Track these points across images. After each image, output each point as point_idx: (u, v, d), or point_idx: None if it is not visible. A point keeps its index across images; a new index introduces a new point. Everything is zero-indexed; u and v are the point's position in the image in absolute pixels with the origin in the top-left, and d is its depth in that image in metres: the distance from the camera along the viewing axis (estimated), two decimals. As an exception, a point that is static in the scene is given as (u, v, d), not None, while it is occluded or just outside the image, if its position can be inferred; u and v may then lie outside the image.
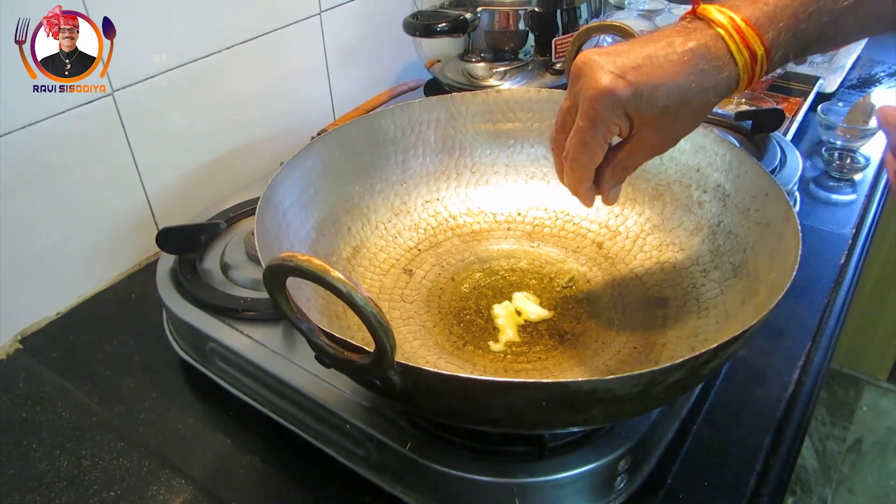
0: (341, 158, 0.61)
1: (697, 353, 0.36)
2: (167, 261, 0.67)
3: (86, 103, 0.68)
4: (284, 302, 0.36)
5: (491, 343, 0.54)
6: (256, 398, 0.58)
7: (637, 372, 0.35)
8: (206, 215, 0.72)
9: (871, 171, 0.93)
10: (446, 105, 0.65)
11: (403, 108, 0.64)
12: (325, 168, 0.59)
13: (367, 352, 0.36)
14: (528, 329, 0.55)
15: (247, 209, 0.73)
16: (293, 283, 0.38)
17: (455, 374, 0.35)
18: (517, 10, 0.81)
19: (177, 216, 0.79)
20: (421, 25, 0.77)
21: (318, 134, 0.87)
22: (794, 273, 0.43)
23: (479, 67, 0.85)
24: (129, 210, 0.76)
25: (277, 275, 0.34)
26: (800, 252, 0.44)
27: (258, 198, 0.52)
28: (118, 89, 0.70)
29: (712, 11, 0.44)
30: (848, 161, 0.93)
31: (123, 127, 0.72)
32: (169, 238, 0.65)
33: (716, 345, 0.37)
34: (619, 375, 0.35)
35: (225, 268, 0.66)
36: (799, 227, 0.46)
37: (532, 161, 0.67)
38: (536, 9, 0.82)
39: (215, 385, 0.60)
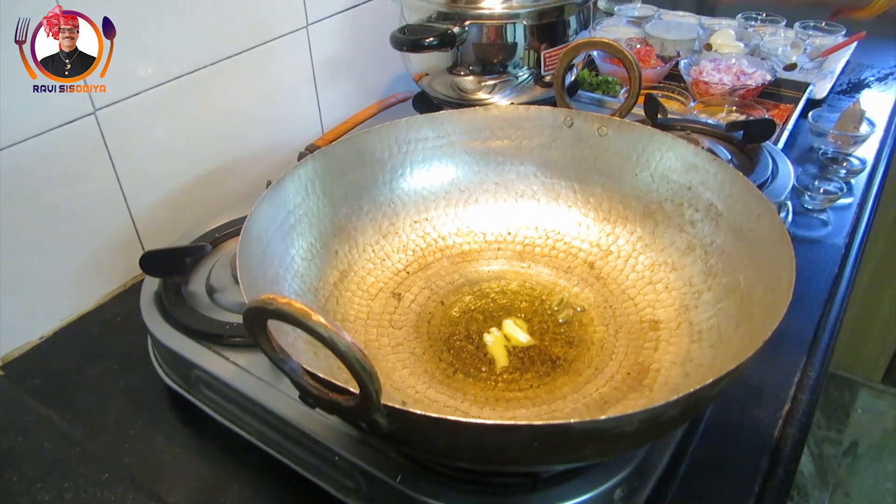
0: (327, 180, 0.59)
1: (692, 391, 0.35)
2: (152, 284, 0.65)
3: (67, 122, 0.66)
4: (266, 343, 0.35)
5: (482, 370, 0.53)
6: (244, 427, 0.56)
7: (631, 412, 0.34)
8: (192, 235, 0.71)
9: (863, 177, 0.93)
10: (433, 123, 0.64)
11: (390, 128, 0.63)
12: (310, 191, 0.58)
13: (353, 393, 0.35)
14: (520, 355, 0.54)
15: (233, 229, 0.72)
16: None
17: (444, 416, 0.34)
18: (505, 24, 0.80)
19: (162, 235, 0.78)
20: (408, 40, 0.76)
21: (307, 149, 0.86)
22: (790, 300, 0.42)
23: (468, 81, 0.84)
24: (114, 230, 0.74)
25: (257, 317, 0.33)
26: (794, 277, 0.43)
27: (245, 217, 0.51)
28: (100, 108, 0.69)
29: None
30: (844, 164, 0.93)
31: (106, 146, 0.71)
32: (153, 261, 0.64)
33: (711, 380, 0.36)
34: (612, 416, 0.34)
35: (210, 291, 0.64)
36: (793, 251, 0.45)
37: (522, 179, 0.66)
38: (525, 22, 0.81)
39: (202, 413, 0.59)
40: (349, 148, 0.61)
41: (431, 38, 0.76)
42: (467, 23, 0.79)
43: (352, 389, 0.35)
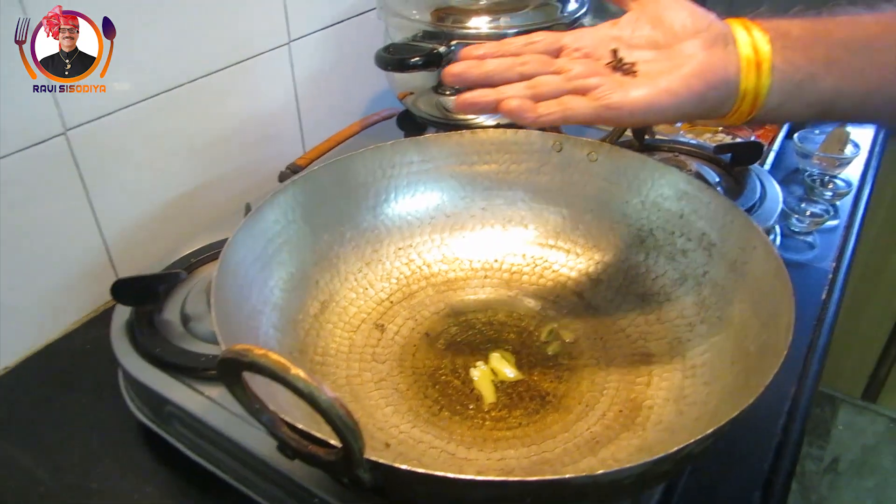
0: (308, 207, 0.57)
1: (690, 442, 0.33)
2: (123, 312, 0.63)
3: (35, 144, 0.64)
4: (242, 394, 0.33)
5: (469, 407, 0.51)
6: (219, 465, 0.54)
7: (630, 465, 0.32)
8: (167, 260, 0.69)
9: (848, 200, 0.92)
10: (419, 147, 0.62)
11: (374, 152, 0.61)
12: (290, 219, 0.56)
13: (335, 447, 0.33)
14: (508, 391, 0.52)
15: (210, 254, 0.69)
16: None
17: (431, 472, 0.32)
18: (492, 44, 0.79)
19: (136, 258, 0.75)
20: (393, 60, 0.74)
21: (288, 168, 0.83)
22: (790, 340, 0.40)
23: (454, 101, 0.83)
24: (84, 254, 0.72)
25: (232, 369, 0.31)
26: (793, 316, 0.42)
27: (223, 240, 0.49)
28: (71, 128, 0.66)
29: None
30: (830, 186, 0.92)
31: (78, 168, 0.68)
32: (125, 289, 0.61)
33: (711, 430, 0.34)
34: (609, 470, 0.32)
35: (185, 319, 0.62)
36: (791, 288, 0.44)
37: (509, 204, 0.64)
38: (512, 42, 0.79)
39: (175, 450, 0.56)
40: (331, 172, 0.59)
41: (417, 58, 0.74)
42: (454, 42, 0.77)
43: (333, 443, 0.33)
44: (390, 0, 0.84)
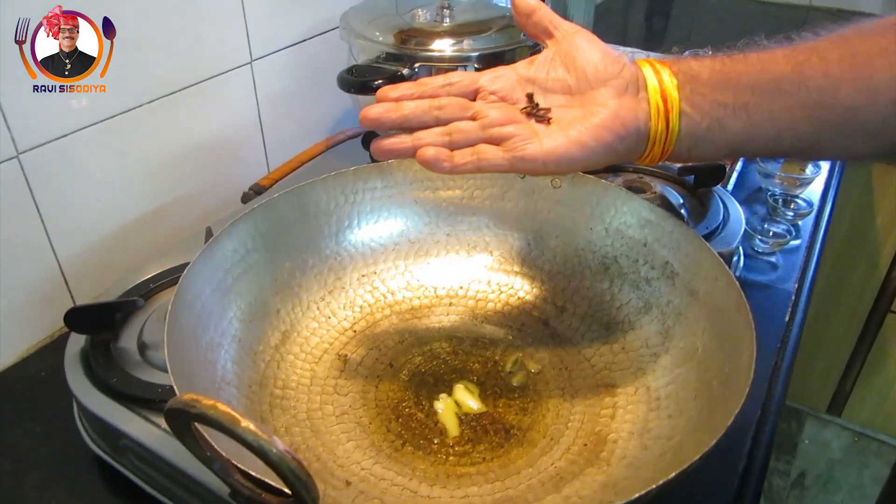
0: (269, 235, 0.56)
1: (655, 486, 0.33)
2: (78, 339, 0.61)
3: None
4: (192, 443, 0.32)
5: (433, 442, 0.50)
6: (176, 500, 0.52)
7: (589, 512, 0.32)
8: (125, 285, 0.67)
9: (809, 220, 0.93)
10: (382, 173, 0.62)
11: (336, 178, 0.60)
12: (250, 247, 0.55)
13: (288, 495, 0.32)
14: (472, 423, 0.51)
15: (168, 279, 0.67)
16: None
17: (387, 522, 0.31)
18: (456, 67, 0.79)
19: (93, 283, 0.73)
20: (356, 82, 0.74)
21: (251, 189, 0.82)
22: (751, 378, 0.40)
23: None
24: (38, 279, 0.69)
25: (181, 419, 0.30)
26: (755, 349, 0.42)
27: (183, 265, 0.47)
28: (24, 151, 0.64)
29: None
30: (792, 206, 0.94)
31: (31, 192, 0.66)
32: (79, 318, 0.59)
33: (674, 474, 0.34)
34: (569, 517, 0.31)
35: (143, 348, 0.60)
36: (752, 322, 0.44)
37: (474, 230, 0.64)
38: (476, 64, 0.79)
39: (131, 483, 0.55)
40: (292, 199, 0.58)
41: (380, 80, 0.74)
42: (417, 65, 0.77)
43: (287, 490, 0.32)
44: (353, 22, 0.83)
